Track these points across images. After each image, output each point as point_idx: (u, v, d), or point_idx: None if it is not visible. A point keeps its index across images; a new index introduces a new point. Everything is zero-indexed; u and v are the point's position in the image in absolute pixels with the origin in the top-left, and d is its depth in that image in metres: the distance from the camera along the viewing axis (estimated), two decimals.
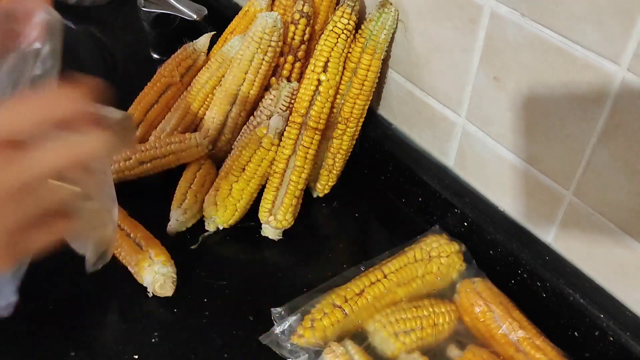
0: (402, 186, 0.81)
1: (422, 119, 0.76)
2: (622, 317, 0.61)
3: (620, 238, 0.59)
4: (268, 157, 0.75)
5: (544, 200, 0.65)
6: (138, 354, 0.64)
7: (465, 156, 0.73)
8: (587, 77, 0.55)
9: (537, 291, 0.67)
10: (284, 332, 0.63)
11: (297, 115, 0.73)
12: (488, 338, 0.65)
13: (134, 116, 0.86)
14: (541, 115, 0.61)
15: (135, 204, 0.78)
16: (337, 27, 0.72)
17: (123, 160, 0.79)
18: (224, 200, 0.75)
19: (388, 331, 0.63)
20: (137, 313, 0.68)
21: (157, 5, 1.00)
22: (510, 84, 0.62)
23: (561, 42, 0.55)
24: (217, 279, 0.72)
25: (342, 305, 0.65)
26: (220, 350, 0.65)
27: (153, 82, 0.87)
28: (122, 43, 1.08)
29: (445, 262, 0.70)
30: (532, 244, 0.68)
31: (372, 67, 0.73)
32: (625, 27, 0.50)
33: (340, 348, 0.61)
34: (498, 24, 0.60)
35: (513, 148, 0.66)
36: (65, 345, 0.65)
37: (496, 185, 0.71)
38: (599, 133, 0.56)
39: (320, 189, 0.83)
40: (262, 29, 0.75)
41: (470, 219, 0.72)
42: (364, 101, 0.76)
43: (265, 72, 0.78)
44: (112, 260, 0.73)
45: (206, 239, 0.77)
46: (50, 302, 0.68)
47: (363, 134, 0.81)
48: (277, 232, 0.76)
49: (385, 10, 0.71)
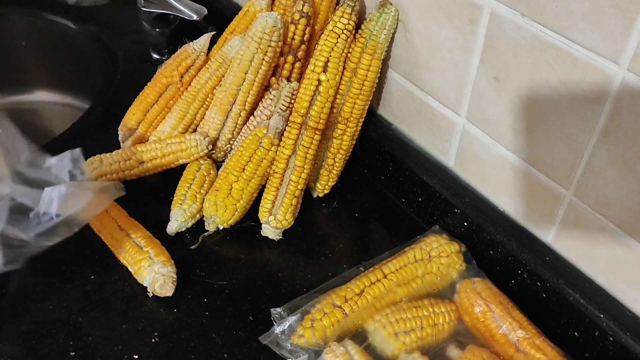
0: (402, 186, 0.81)
1: (422, 119, 0.76)
2: (622, 317, 0.61)
3: (620, 238, 0.59)
4: (268, 157, 0.75)
5: (544, 200, 0.65)
6: (138, 354, 0.64)
7: (465, 156, 0.73)
8: (587, 77, 0.55)
9: (537, 291, 0.67)
10: (284, 332, 0.63)
11: (297, 115, 0.73)
12: (488, 338, 0.65)
13: (134, 116, 0.86)
14: (541, 115, 0.61)
15: (135, 204, 0.78)
16: (337, 27, 0.72)
17: (123, 160, 0.80)
18: (224, 200, 0.75)
19: (388, 331, 0.63)
20: (137, 313, 0.68)
21: (157, 5, 1.00)
22: (510, 84, 0.62)
23: (561, 42, 0.55)
24: (217, 279, 0.72)
25: (342, 305, 0.65)
26: (220, 350, 0.65)
27: (153, 82, 0.87)
28: (122, 43, 1.08)
29: (445, 262, 0.70)
30: (532, 244, 0.68)
31: (372, 67, 0.73)
32: (625, 27, 0.50)
33: (340, 348, 0.61)
34: (498, 24, 0.60)
35: (513, 148, 0.66)
36: (65, 345, 0.65)
37: (496, 185, 0.71)
38: (599, 133, 0.56)
39: (320, 189, 0.83)
40: (262, 29, 0.75)
41: (470, 219, 0.72)
42: (364, 101, 0.76)
43: (265, 72, 0.78)
44: (113, 260, 0.73)
45: (206, 239, 0.77)
46: (51, 302, 0.68)
47: (363, 134, 0.81)
48: (277, 232, 0.76)
49: (385, 10, 0.71)
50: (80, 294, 0.69)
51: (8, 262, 0.57)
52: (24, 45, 1.18)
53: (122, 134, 0.87)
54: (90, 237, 0.74)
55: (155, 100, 0.86)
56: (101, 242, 0.74)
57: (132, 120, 0.86)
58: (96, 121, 0.94)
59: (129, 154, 0.80)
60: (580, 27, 0.53)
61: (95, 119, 0.94)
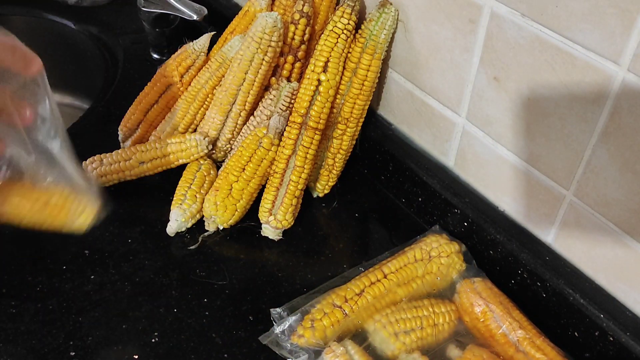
0: (402, 186, 0.81)
1: (422, 119, 0.76)
2: (622, 317, 0.61)
3: (620, 238, 0.59)
4: (268, 157, 0.75)
5: (544, 200, 0.65)
6: (138, 354, 0.64)
7: (465, 156, 0.73)
8: (587, 77, 0.55)
9: (537, 291, 0.67)
10: (284, 332, 0.63)
11: (297, 115, 0.73)
12: (488, 338, 0.65)
13: (134, 116, 0.86)
14: (541, 115, 0.61)
15: (135, 204, 0.78)
16: (337, 27, 0.72)
17: (123, 160, 0.80)
18: (224, 200, 0.75)
19: (388, 331, 0.63)
20: (137, 313, 0.68)
21: (157, 5, 1.00)
22: (510, 84, 0.62)
23: (561, 42, 0.55)
24: (217, 279, 0.72)
25: (342, 305, 0.65)
26: (220, 350, 0.65)
27: (153, 82, 0.87)
28: (122, 43, 1.08)
29: (445, 262, 0.70)
30: (532, 244, 0.68)
31: (372, 67, 0.73)
32: (625, 27, 0.50)
33: (340, 348, 0.61)
34: (498, 24, 0.60)
35: (513, 148, 0.66)
36: (65, 345, 0.65)
37: (496, 185, 0.71)
38: (599, 133, 0.56)
39: (320, 189, 0.83)
40: (262, 29, 0.75)
41: (470, 219, 0.72)
42: (364, 101, 0.76)
43: (265, 72, 0.78)
44: (112, 260, 0.73)
45: (206, 239, 0.77)
46: (51, 302, 0.68)
47: (363, 134, 0.81)
48: (277, 232, 0.76)
49: (385, 10, 0.71)
50: (80, 294, 0.69)
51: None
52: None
53: (122, 134, 0.87)
54: (91, 237, 0.74)
55: (155, 100, 0.86)
56: (101, 242, 0.74)
57: (132, 120, 0.86)
58: (96, 121, 0.94)
59: (129, 154, 0.80)
60: (580, 27, 0.53)
61: (95, 119, 0.94)
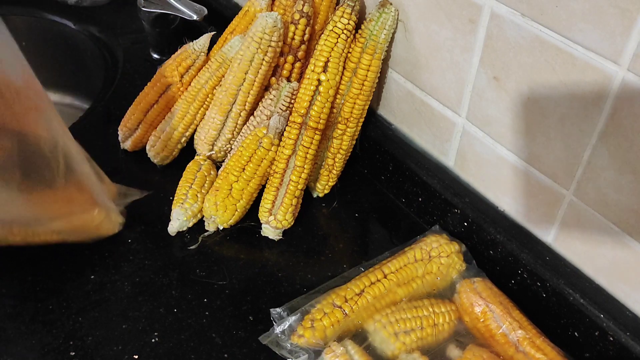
0: (402, 186, 0.81)
1: (422, 119, 0.76)
2: (622, 317, 0.61)
3: (621, 238, 0.59)
4: (268, 157, 0.75)
5: (544, 200, 0.65)
6: (138, 354, 0.64)
7: (465, 156, 0.73)
8: (587, 77, 0.55)
9: (537, 291, 0.67)
10: (284, 332, 0.63)
11: (297, 115, 0.73)
12: (488, 338, 0.65)
13: (134, 116, 0.86)
14: (541, 115, 0.61)
15: (136, 203, 0.78)
16: (337, 27, 0.72)
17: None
18: (224, 200, 0.75)
19: (388, 331, 0.63)
20: (137, 313, 0.68)
21: (157, 5, 1.00)
22: (510, 84, 0.62)
23: (561, 42, 0.55)
24: (217, 279, 0.72)
25: (342, 305, 0.65)
26: (220, 350, 0.65)
27: (153, 82, 0.87)
28: (122, 43, 1.08)
29: (445, 262, 0.70)
30: (532, 244, 0.68)
31: (372, 67, 0.73)
32: (625, 27, 0.50)
33: (340, 348, 0.61)
34: (498, 24, 0.60)
35: (513, 148, 0.66)
36: (65, 345, 0.65)
37: (496, 185, 0.71)
38: (599, 133, 0.56)
39: (320, 189, 0.83)
40: (262, 29, 0.75)
41: (470, 219, 0.72)
42: (364, 101, 0.76)
43: (265, 72, 0.78)
44: (112, 260, 0.73)
45: (206, 239, 0.77)
46: (51, 302, 0.68)
47: (363, 134, 0.81)
48: (277, 232, 0.76)
49: (385, 10, 0.71)
50: (80, 294, 0.69)
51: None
52: (24, 45, 1.18)
53: (122, 134, 0.87)
54: None
55: (155, 100, 0.86)
56: (101, 242, 0.74)
57: (132, 120, 0.86)
58: (96, 121, 0.94)
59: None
60: (580, 27, 0.53)
61: (95, 119, 0.94)
